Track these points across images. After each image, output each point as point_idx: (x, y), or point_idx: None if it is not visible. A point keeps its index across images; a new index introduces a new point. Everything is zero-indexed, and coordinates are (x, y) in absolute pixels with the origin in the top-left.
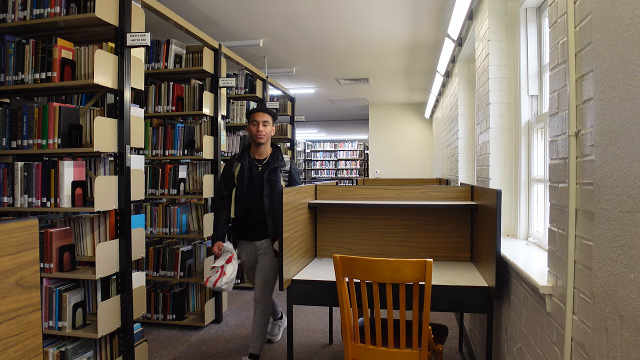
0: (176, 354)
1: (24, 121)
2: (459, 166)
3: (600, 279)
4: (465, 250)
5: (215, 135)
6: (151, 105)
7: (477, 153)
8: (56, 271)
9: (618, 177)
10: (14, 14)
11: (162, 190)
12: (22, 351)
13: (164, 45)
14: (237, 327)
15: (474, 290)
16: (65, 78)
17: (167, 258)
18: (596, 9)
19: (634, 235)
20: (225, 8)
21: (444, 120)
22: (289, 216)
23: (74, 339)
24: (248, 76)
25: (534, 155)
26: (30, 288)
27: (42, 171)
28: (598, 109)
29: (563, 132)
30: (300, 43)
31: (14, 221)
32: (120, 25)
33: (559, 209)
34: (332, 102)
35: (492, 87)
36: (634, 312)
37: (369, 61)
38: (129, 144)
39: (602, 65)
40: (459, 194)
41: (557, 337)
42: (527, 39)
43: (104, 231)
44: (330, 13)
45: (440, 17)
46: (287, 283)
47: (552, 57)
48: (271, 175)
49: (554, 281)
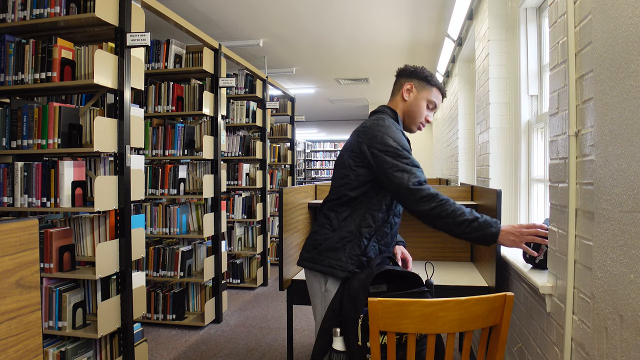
0: (176, 354)
1: (24, 121)
2: (459, 166)
3: (600, 279)
4: (465, 250)
5: (215, 135)
6: (151, 105)
7: (477, 153)
8: (56, 271)
9: (618, 177)
10: (14, 14)
11: (162, 190)
12: (22, 351)
13: (164, 45)
14: (237, 327)
15: (474, 290)
16: (65, 78)
17: (167, 258)
18: (596, 9)
19: (634, 235)
20: (226, 8)
21: (444, 120)
22: (289, 216)
23: (74, 339)
24: (248, 76)
25: (534, 155)
26: (30, 288)
27: (42, 171)
28: (598, 109)
29: (563, 132)
30: (300, 43)
31: (14, 221)
32: (120, 25)
33: (559, 209)
34: (332, 102)
35: (492, 87)
36: (634, 312)
37: (369, 61)
38: (129, 144)
39: (602, 65)
40: (459, 194)
41: (557, 337)
42: (527, 39)
43: (104, 231)
44: (331, 13)
45: (440, 17)
46: (287, 283)
47: (552, 57)
48: None
49: (554, 281)
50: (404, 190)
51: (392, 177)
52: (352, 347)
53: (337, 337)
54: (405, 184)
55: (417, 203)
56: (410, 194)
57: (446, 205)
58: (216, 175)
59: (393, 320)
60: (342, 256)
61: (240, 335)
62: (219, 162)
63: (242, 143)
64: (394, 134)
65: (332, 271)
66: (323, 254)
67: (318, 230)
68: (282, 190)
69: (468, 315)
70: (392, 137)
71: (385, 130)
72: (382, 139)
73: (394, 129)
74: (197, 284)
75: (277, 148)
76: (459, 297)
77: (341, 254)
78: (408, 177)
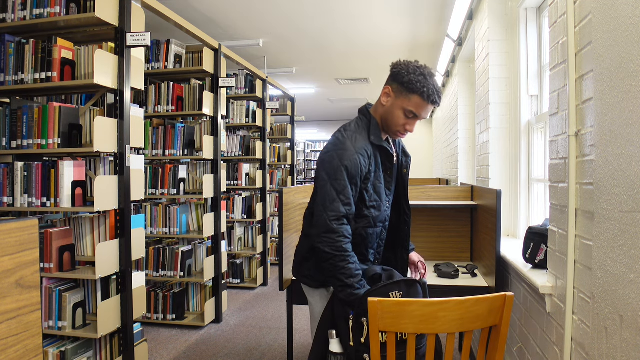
0: (176, 354)
1: (24, 121)
2: (459, 166)
3: (600, 279)
4: (465, 250)
5: (215, 135)
6: (151, 105)
7: (477, 153)
8: (56, 271)
9: (618, 177)
10: (14, 14)
11: (162, 190)
12: (22, 351)
13: (164, 45)
14: (237, 327)
15: (474, 290)
16: (65, 78)
17: (167, 258)
18: (596, 9)
19: (634, 235)
20: (226, 8)
21: (444, 120)
22: (289, 216)
23: (74, 339)
24: (248, 76)
25: (534, 155)
26: (30, 288)
27: (42, 171)
28: (598, 109)
29: (563, 132)
30: (300, 43)
31: (14, 221)
32: (120, 25)
33: (559, 209)
34: (332, 102)
35: (492, 87)
36: (634, 312)
37: (369, 61)
38: (129, 144)
39: (602, 65)
40: (459, 194)
41: (557, 337)
42: (527, 39)
43: (104, 231)
44: (330, 13)
45: (440, 17)
46: (287, 283)
47: (552, 57)
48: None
49: (554, 281)
50: (319, 216)
51: (318, 197)
52: (347, 348)
53: (333, 339)
54: (323, 216)
55: (319, 236)
56: (321, 222)
57: (336, 259)
58: (216, 175)
59: (393, 321)
60: (311, 266)
61: (240, 335)
62: (219, 162)
63: (242, 143)
64: (346, 161)
65: (307, 281)
66: (302, 264)
67: (301, 237)
68: (282, 190)
69: (468, 315)
70: (342, 163)
71: (340, 152)
72: (331, 159)
73: (348, 156)
74: (197, 284)
75: (277, 148)
76: (459, 297)
77: (311, 263)
78: (329, 208)
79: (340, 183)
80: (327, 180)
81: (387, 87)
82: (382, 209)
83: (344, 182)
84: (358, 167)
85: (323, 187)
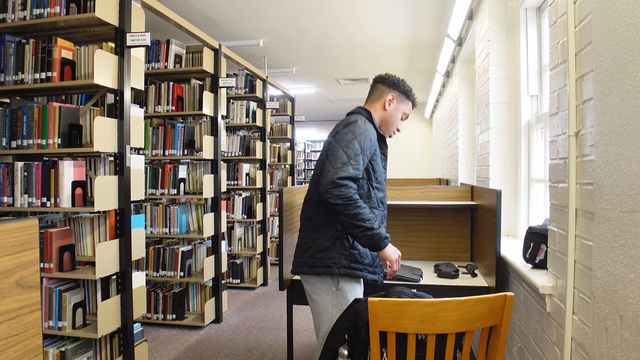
0: (176, 354)
1: (24, 121)
2: (459, 166)
3: (600, 279)
4: (465, 250)
5: (215, 135)
6: (151, 105)
7: (477, 153)
8: (56, 271)
9: (618, 177)
10: (14, 14)
11: (162, 190)
12: (22, 351)
13: (164, 45)
14: (237, 327)
15: (474, 290)
16: (65, 78)
17: (167, 258)
18: (596, 9)
19: (634, 235)
20: (226, 8)
21: (444, 120)
22: (289, 216)
23: (74, 339)
24: (248, 76)
25: (534, 155)
26: (30, 288)
27: (42, 171)
28: (598, 109)
29: (563, 132)
30: (301, 43)
31: (14, 221)
32: (120, 25)
33: (559, 209)
34: (332, 102)
35: (492, 87)
36: (634, 312)
37: (369, 61)
38: (129, 144)
39: (602, 65)
40: (459, 194)
41: (557, 337)
42: (527, 39)
43: (104, 231)
44: (331, 13)
45: (440, 17)
46: (287, 283)
47: (552, 57)
48: None
49: (554, 281)
50: (327, 172)
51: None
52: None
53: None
54: (331, 172)
55: (327, 191)
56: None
57: (351, 207)
58: (216, 175)
59: (393, 321)
60: (334, 254)
61: (240, 335)
62: (219, 162)
63: (242, 143)
64: (361, 136)
65: (328, 270)
66: (315, 255)
67: (305, 234)
68: (282, 190)
69: (468, 315)
70: (357, 137)
71: (353, 129)
72: (344, 134)
73: (362, 131)
74: (197, 284)
75: (277, 148)
76: (459, 297)
77: (333, 251)
78: (339, 166)
79: (353, 150)
80: (339, 148)
81: (391, 95)
82: (384, 191)
83: (356, 150)
84: (370, 140)
85: (335, 152)
